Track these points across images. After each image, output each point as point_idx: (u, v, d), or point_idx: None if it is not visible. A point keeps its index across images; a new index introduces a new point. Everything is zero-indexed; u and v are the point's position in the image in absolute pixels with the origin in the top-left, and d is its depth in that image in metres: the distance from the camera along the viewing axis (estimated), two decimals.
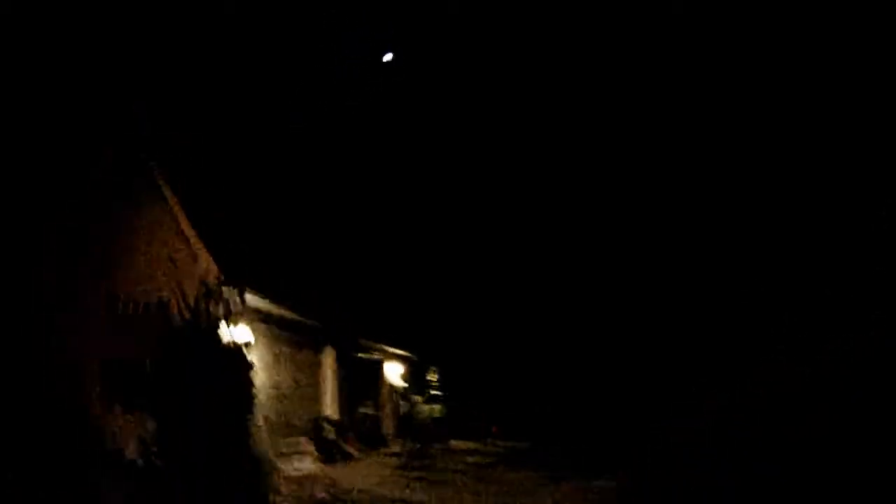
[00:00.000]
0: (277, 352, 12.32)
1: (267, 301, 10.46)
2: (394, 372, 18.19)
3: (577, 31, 15.31)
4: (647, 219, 16.25)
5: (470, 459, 12.47)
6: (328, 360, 13.94)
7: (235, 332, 9.36)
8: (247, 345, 10.05)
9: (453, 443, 15.56)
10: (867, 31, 10.56)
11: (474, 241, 21.64)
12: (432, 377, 20.85)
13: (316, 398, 13.60)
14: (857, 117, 10.77)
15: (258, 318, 11.02)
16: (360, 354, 16.49)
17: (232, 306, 9.07)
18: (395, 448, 14.70)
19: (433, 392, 20.20)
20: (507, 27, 15.83)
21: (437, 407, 18.10)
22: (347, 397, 14.75)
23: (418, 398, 19.16)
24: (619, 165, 16.61)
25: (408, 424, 17.26)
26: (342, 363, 14.61)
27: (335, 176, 16.41)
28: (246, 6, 12.13)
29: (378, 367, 17.73)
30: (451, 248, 21.88)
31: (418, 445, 13.95)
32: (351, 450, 13.23)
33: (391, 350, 18.01)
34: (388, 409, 17.30)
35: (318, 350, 13.92)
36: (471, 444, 15.46)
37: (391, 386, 17.95)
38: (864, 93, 10.73)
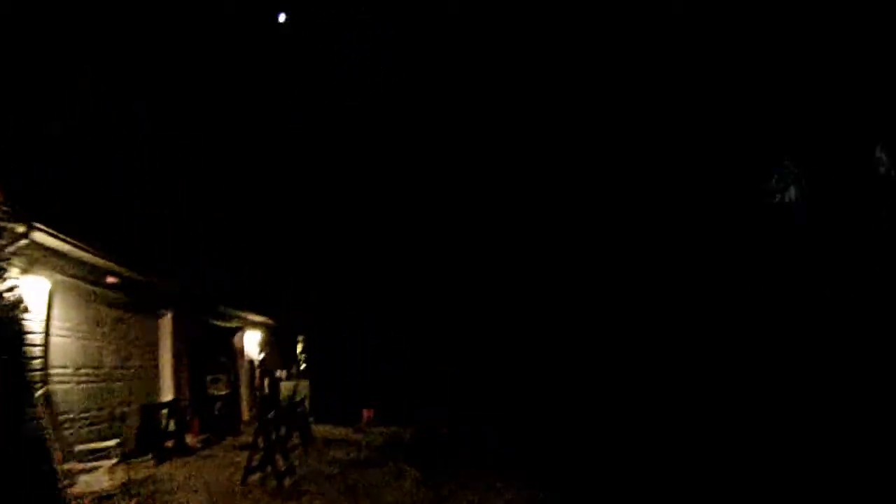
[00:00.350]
0: (96, 317, 9.41)
1: (72, 244, 7.58)
2: (254, 343, 15.54)
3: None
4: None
5: (339, 454, 10.32)
6: (167, 328, 11.11)
7: (20, 286, 6.56)
8: (51, 303, 7.34)
9: (321, 429, 13.31)
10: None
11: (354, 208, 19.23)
12: (299, 349, 18.44)
13: (152, 378, 10.78)
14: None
15: (63, 269, 8.12)
16: (213, 321, 13.71)
17: (8, 245, 6.24)
18: (251, 437, 12.20)
19: (301, 366, 17.82)
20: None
21: (302, 384, 15.73)
22: (194, 375, 12.02)
23: (282, 374, 16.67)
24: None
25: (268, 407, 14.78)
26: (188, 332, 11.81)
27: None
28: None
29: (234, 336, 15.00)
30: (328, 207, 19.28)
31: (279, 434, 11.49)
32: (193, 442, 10.63)
33: (252, 317, 15.32)
34: (245, 389, 14.67)
35: (156, 315, 11.05)
36: (341, 431, 13.28)
37: (251, 360, 15.30)
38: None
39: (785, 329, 11.45)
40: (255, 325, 15.69)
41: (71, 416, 8.37)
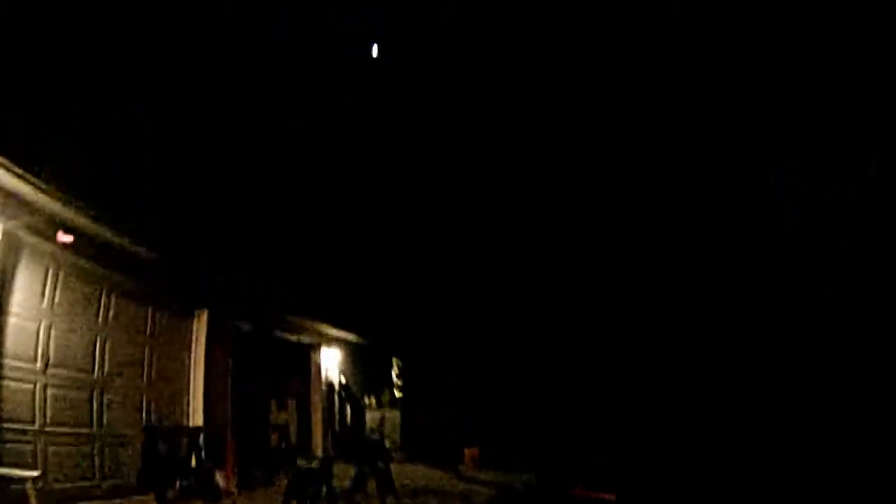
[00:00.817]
0: (91, 303, 6.90)
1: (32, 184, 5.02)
2: (334, 363, 12.67)
3: (578, 30, 15.17)
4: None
5: None
6: (200, 331, 8.41)
7: None
8: None
9: (410, 472, 10.05)
10: (868, 29, 10.97)
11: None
12: (394, 372, 15.40)
13: (176, 395, 8.09)
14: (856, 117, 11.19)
15: (29, 223, 5.62)
16: (279, 333, 11.02)
17: None
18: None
19: (394, 393, 14.73)
20: (507, 25, 15.62)
21: (391, 414, 12.64)
22: (242, 396, 9.25)
23: (370, 401, 13.68)
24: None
25: (348, 439, 11.78)
26: (235, 340, 9.10)
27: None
28: (245, 5, 10.78)
29: (310, 353, 12.22)
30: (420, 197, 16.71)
31: (353, 475, 8.24)
32: (226, 483, 7.71)
33: (331, 331, 12.49)
34: (318, 416, 11.75)
35: (186, 314, 8.41)
36: (436, 476, 9.90)
37: (329, 383, 12.42)
38: (864, 93, 11.14)
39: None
40: (336, 341, 12.87)
41: (28, 427, 5.78)
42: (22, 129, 5.86)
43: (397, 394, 14.76)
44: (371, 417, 12.61)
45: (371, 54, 15.14)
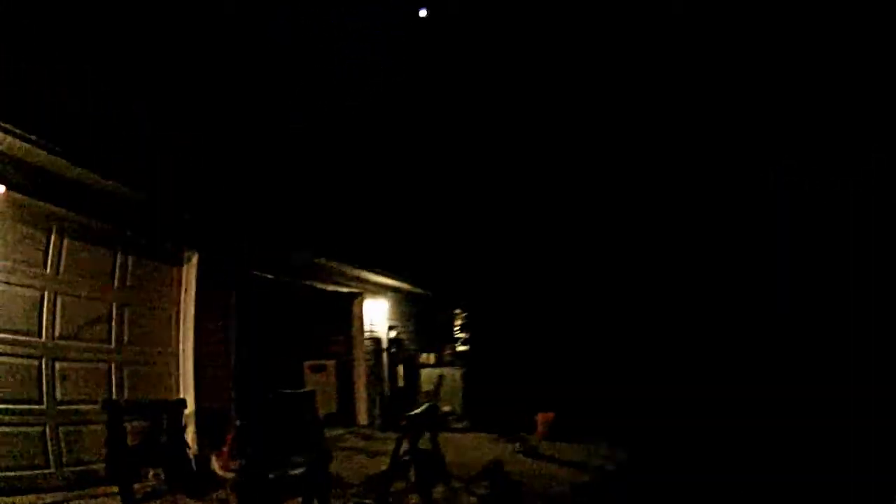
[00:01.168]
0: (30, 246, 5.29)
1: None
2: (380, 314, 10.86)
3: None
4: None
5: None
6: (188, 282, 6.64)
7: None
8: None
9: (469, 444, 8.15)
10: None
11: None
12: (457, 324, 13.56)
13: (155, 361, 6.42)
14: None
15: None
16: (310, 282, 9.23)
17: None
18: (353, 456, 7.42)
19: (457, 348, 12.88)
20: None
21: (450, 373, 10.78)
22: (261, 360, 7.57)
23: (428, 358, 11.88)
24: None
25: (399, 403, 10.00)
26: (241, 292, 7.33)
27: None
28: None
29: (350, 304, 10.44)
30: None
31: (391, 455, 6.35)
32: (222, 468, 6.04)
33: (377, 279, 10.62)
34: (363, 379, 10.01)
35: (171, 259, 6.67)
36: (500, 450, 7.94)
37: (376, 339, 10.65)
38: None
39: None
40: (384, 289, 11.05)
41: None
42: None
43: (459, 349, 12.89)
44: (427, 376, 10.81)
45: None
